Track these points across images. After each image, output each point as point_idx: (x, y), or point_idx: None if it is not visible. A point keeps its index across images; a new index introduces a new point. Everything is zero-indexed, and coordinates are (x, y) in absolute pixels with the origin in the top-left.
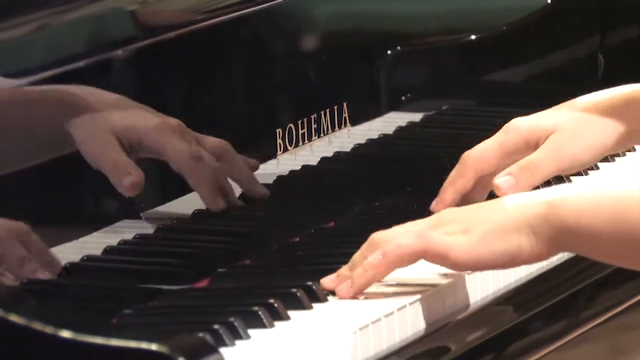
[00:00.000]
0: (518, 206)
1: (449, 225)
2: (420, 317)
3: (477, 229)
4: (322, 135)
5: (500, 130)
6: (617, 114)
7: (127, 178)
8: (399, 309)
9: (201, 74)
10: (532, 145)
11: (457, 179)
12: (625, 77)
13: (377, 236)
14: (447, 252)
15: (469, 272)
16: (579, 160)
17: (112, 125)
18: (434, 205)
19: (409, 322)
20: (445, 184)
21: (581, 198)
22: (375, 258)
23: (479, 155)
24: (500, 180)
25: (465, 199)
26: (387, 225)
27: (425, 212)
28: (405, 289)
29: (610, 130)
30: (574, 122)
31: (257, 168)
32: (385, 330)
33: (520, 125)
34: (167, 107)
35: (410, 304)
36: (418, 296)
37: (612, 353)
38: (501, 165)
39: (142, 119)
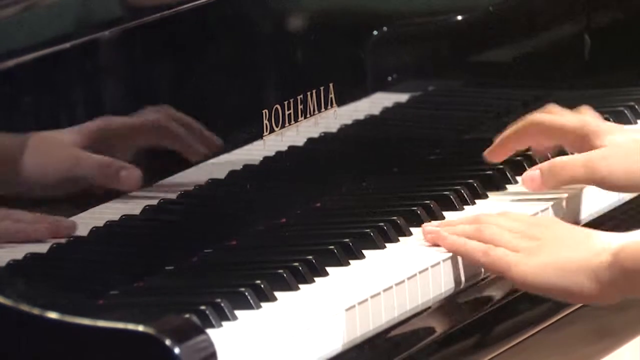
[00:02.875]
0: (588, 249)
1: (524, 239)
2: (405, 298)
3: (543, 256)
4: (308, 116)
5: (576, 116)
6: None
7: (123, 171)
8: (385, 290)
9: (187, 55)
10: (587, 146)
11: (512, 140)
12: (611, 58)
13: (484, 219)
14: (505, 270)
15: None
16: (611, 180)
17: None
18: (487, 153)
19: (395, 302)
20: (505, 137)
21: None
22: (434, 230)
23: (543, 123)
24: (528, 176)
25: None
26: (373, 207)
27: (410, 195)
28: (392, 270)
29: None
30: (627, 146)
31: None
32: (371, 311)
33: (587, 124)
34: (154, 89)
35: (397, 284)
36: (404, 278)
37: (597, 334)
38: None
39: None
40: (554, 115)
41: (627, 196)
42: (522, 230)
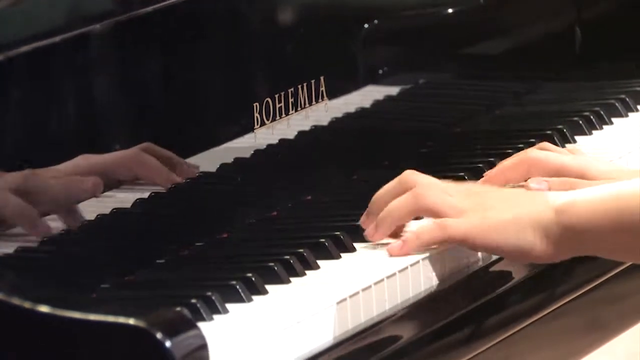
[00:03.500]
0: (534, 205)
1: (473, 201)
2: (396, 291)
3: (495, 215)
4: (299, 109)
5: (572, 151)
6: None
7: (87, 180)
8: (376, 283)
9: (178, 48)
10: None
11: (510, 170)
12: (602, 50)
13: (409, 180)
14: (464, 238)
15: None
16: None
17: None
18: (482, 182)
19: (386, 296)
20: (498, 169)
21: (587, 203)
22: (395, 245)
23: (540, 160)
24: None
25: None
26: (364, 199)
27: None
28: (384, 263)
29: None
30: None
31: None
32: (362, 304)
33: (590, 163)
34: (143, 82)
35: (388, 277)
36: (395, 271)
37: (589, 326)
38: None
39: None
40: (552, 152)
41: None
42: (460, 190)
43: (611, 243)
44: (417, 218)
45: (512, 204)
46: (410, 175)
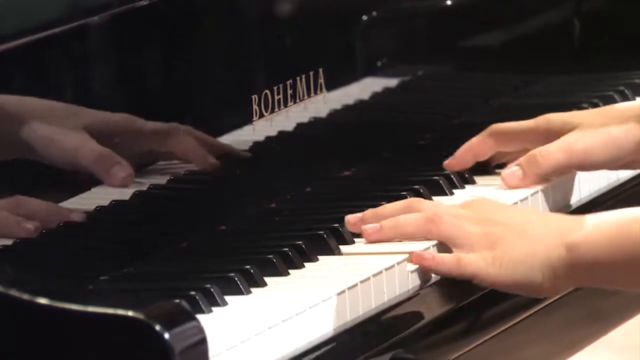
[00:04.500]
0: (546, 241)
1: (483, 232)
2: (395, 283)
3: (503, 251)
4: (297, 101)
5: (533, 119)
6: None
7: (117, 167)
8: (374, 275)
9: (177, 40)
10: (554, 138)
11: (478, 145)
12: (601, 42)
13: (418, 205)
14: (475, 277)
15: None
16: (591, 156)
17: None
18: (447, 162)
19: (384, 288)
20: (466, 146)
21: (600, 237)
22: (415, 255)
23: (505, 131)
24: (507, 173)
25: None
26: (363, 191)
27: (399, 179)
28: (382, 256)
29: (629, 133)
30: (597, 122)
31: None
32: (360, 296)
33: (549, 119)
34: (142, 75)
35: (386, 269)
36: (393, 263)
37: (588, 319)
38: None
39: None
40: (515, 122)
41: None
42: (471, 218)
43: (621, 275)
44: None
45: (524, 239)
46: (416, 202)
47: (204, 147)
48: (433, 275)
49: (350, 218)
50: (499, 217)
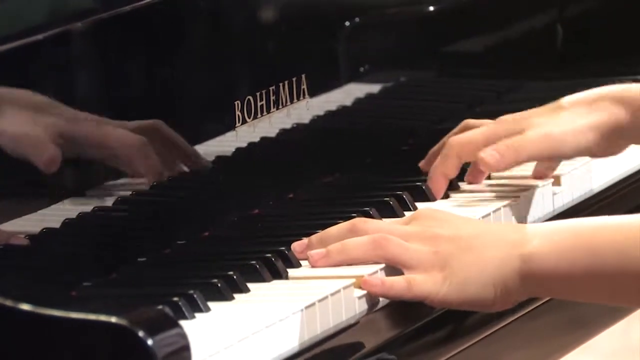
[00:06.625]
0: (498, 254)
1: (431, 251)
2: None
3: (454, 271)
4: (280, 107)
5: (491, 122)
6: (603, 105)
7: (46, 153)
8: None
9: (160, 46)
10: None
11: (443, 164)
12: (584, 48)
13: (363, 227)
14: (426, 299)
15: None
16: (569, 142)
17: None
18: (427, 185)
19: (367, 294)
20: (433, 168)
21: (556, 246)
22: (365, 280)
23: (464, 141)
24: (486, 154)
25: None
26: (346, 197)
27: (382, 185)
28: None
29: (598, 116)
30: (560, 111)
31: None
32: (344, 302)
33: (507, 118)
34: (125, 80)
35: (369, 275)
36: (377, 268)
37: (571, 325)
38: None
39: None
40: (470, 131)
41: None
42: (418, 236)
43: (577, 287)
44: None
45: (473, 253)
46: (361, 223)
47: (170, 156)
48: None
49: (296, 246)
50: (447, 232)
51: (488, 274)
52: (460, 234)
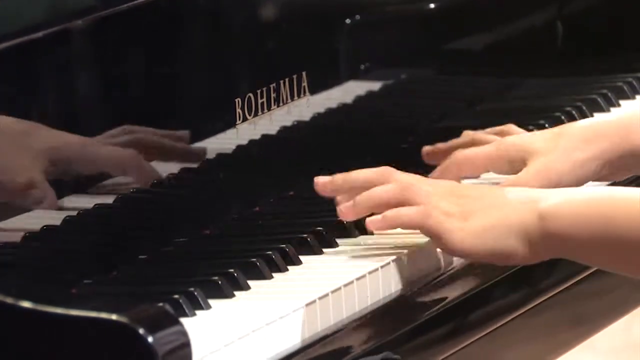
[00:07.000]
0: (517, 211)
1: (456, 204)
2: (379, 286)
3: (477, 220)
4: (281, 104)
5: (494, 143)
6: (603, 136)
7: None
8: (357, 279)
9: (160, 43)
10: (518, 164)
11: (443, 175)
12: (584, 46)
13: (392, 174)
14: (442, 236)
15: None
16: (567, 176)
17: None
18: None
19: (368, 292)
20: (433, 176)
21: (572, 209)
22: (375, 218)
23: (467, 159)
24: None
25: None
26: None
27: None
28: (367, 258)
29: (597, 148)
30: (560, 145)
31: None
32: (345, 299)
33: (510, 143)
34: (125, 78)
35: (370, 272)
36: (378, 265)
37: (572, 321)
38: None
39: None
40: (474, 148)
41: None
42: (444, 190)
43: (592, 252)
44: None
45: (497, 209)
46: (391, 171)
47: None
48: (406, 284)
49: (319, 179)
50: (470, 192)
51: (511, 226)
52: (483, 194)
